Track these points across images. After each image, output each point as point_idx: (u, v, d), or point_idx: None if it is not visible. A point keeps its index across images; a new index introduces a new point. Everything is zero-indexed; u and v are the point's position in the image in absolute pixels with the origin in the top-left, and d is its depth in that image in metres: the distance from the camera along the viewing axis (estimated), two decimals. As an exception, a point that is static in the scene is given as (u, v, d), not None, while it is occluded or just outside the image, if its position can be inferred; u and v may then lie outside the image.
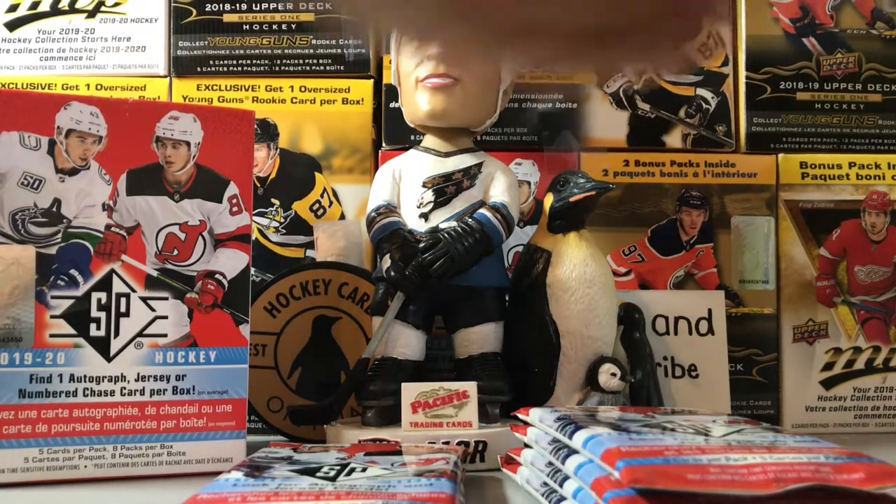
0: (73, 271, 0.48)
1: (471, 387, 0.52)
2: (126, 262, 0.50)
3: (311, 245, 0.69)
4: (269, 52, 0.70)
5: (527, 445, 0.44)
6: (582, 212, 0.57)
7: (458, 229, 0.55)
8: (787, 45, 0.71)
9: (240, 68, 0.70)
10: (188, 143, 0.51)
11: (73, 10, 0.71)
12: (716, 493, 0.29)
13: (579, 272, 0.56)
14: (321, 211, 0.69)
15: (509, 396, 0.55)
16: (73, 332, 0.48)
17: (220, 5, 0.71)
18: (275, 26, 0.70)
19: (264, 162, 0.69)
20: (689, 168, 0.69)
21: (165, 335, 0.50)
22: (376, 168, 0.67)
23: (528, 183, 0.68)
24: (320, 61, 0.70)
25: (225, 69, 0.70)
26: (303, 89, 0.70)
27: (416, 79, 0.58)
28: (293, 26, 0.70)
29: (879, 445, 0.61)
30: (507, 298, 0.59)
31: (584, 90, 0.70)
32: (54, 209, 0.48)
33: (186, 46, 0.70)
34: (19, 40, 0.71)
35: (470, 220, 0.55)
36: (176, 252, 0.51)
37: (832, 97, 0.72)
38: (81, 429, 0.48)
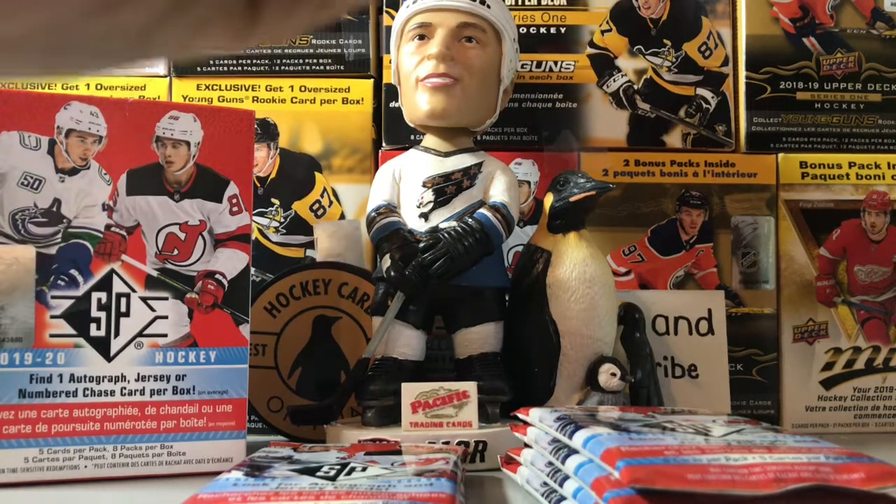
0: (73, 271, 0.48)
1: (471, 387, 0.52)
2: (126, 262, 0.50)
3: (311, 245, 0.69)
4: (269, 51, 0.70)
5: (527, 445, 0.44)
6: (582, 212, 0.57)
7: (459, 229, 0.55)
8: (787, 45, 0.71)
9: (240, 68, 0.70)
10: (188, 143, 0.51)
11: (73, 10, 0.71)
12: (716, 493, 0.29)
13: (579, 272, 0.56)
14: (321, 211, 0.69)
15: (509, 396, 0.55)
16: (73, 332, 0.48)
17: (220, 5, 0.71)
18: (275, 26, 0.70)
19: (264, 162, 0.69)
20: (689, 168, 0.69)
21: (165, 335, 0.50)
22: (376, 168, 0.67)
23: (528, 183, 0.68)
24: (320, 61, 0.70)
25: (225, 69, 0.70)
26: (303, 89, 0.70)
27: (416, 78, 0.58)
28: (293, 26, 0.70)
29: (879, 445, 0.61)
30: (507, 298, 0.59)
31: (584, 90, 0.71)
32: (54, 209, 0.48)
33: (186, 46, 0.70)
34: (19, 40, 0.71)
35: (470, 219, 0.55)
36: (176, 252, 0.51)
37: (832, 97, 0.72)
38: (81, 429, 0.48)
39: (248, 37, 0.15)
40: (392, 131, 0.69)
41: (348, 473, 0.37)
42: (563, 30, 0.71)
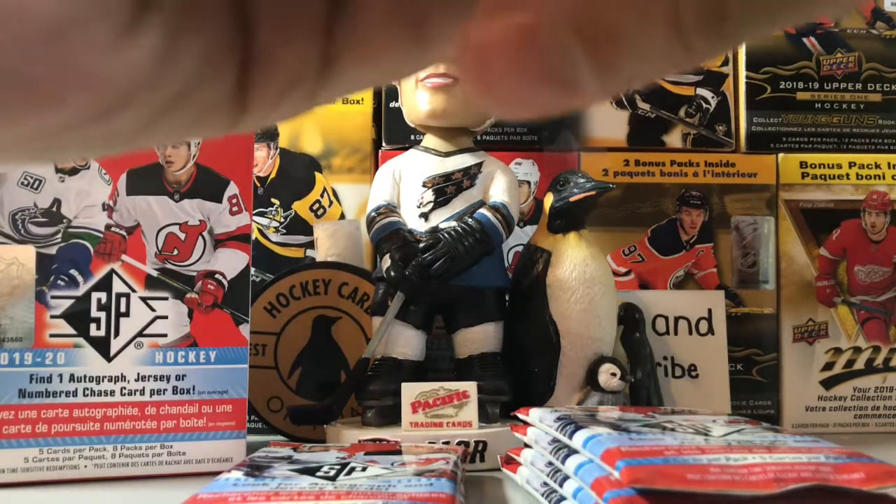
0: (73, 271, 0.48)
1: (471, 387, 0.52)
2: (126, 262, 0.50)
3: (311, 245, 0.69)
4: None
5: (527, 445, 0.44)
6: (582, 212, 0.57)
7: (459, 229, 0.55)
8: (787, 45, 0.71)
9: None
10: (188, 143, 0.51)
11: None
12: (716, 493, 0.29)
13: (579, 272, 0.56)
14: (321, 211, 0.69)
15: (509, 396, 0.55)
16: (73, 331, 0.48)
17: (220, 5, 0.71)
18: (275, 26, 0.70)
19: (264, 162, 0.69)
20: (689, 168, 0.69)
21: (165, 335, 0.50)
22: (376, 168, 0.67)
23: (528, 183, 0.68)
24: (320, 61, 0.70)
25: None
26: (303, 89, 0.70)
27: (416, 78, 0.58)
28: (293, 26, 0.70)
29: (879, 445, 0.61)
30: (507, 298, 0.59)
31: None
32: (54, 209, 0.48)
33: (186, 46, 0.70)
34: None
35: (470, 219, 0.55)
36: (176, 252, 0.51)
37: (832, 97, 0.72)
38: (81, 429, 0.48)
39: (238, 126, 0.15)
40: (392, 131, 0.69)
41: (348, 473, 0.37)
42: (563, 30, 0.71)
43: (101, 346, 0.49)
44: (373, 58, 0.14)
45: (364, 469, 0.38)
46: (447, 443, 0.49)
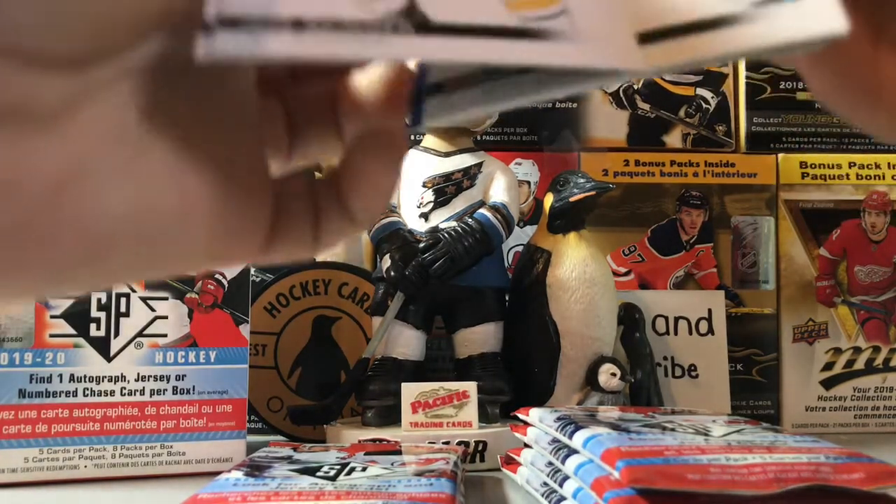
0: (73, 271, 0.48)
1: (471, 387, 0.52)
2: (126, 262, 0.49)
3: (311, 245, 0.69)
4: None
5: (527, 445, 0.44)
6: (582, 212, 0.57)
7: (458, 229, 0.55)
8: (787, 45, 0.71)
9: (240, 68, 0.70)
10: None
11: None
12: (716, 493, 0.29)
13: (579, 272, 0.56)
14: (321, 211, 0.69)
15: (509, 396, 0.55)
16: (73, 331, 0.48)
17: (220, 5, 0.70)
18: (275, 26, 0.70)
19: (264, 162, 0.69)
20: (689, 168, 0.69)
21: (165, 335, 0.50)
22: (376, 168, 0.67)
23: (528, 183, 0.68)
24: (320, 61, 0.70)
25: (225, 69, 0.70)
26: (303, 89, 0.70)
27: (416, 79, 0.58)
28: (293, 26, 0.70)
29: (879, 445, 0.61)
30: (507, 298, 0.59)
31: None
32: (54, 209, 0.48)
33: (186, 46, 0.70)
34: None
35: (470, 220, 0.55)
36: (176, 252, 0.51)
37: (832, 97, 0.71)
38: (81, 429, 0.48)
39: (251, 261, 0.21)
40: (392, 131, 0.69)
41: (348, 473, 0.37)
42: (563, 30, 0.71)
43: (101, 346, 0.49)
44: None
45: (364, 469, 0.38)
46: (447, 443, 0.49)
